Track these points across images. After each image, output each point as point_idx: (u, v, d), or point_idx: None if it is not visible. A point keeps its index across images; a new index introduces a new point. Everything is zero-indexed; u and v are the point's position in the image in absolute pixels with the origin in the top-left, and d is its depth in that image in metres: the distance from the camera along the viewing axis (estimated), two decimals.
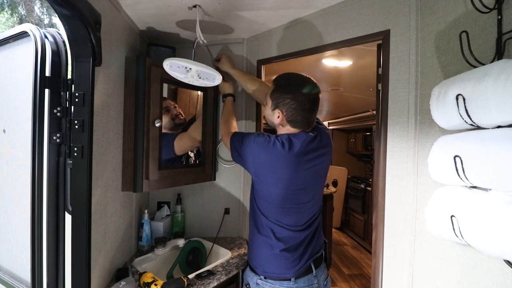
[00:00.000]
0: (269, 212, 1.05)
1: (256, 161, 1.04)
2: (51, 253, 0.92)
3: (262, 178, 1.04)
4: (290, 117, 1.02)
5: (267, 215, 1.05)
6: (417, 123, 0.97)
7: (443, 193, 0.77)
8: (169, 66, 1.09)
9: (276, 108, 1.03)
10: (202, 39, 1.19)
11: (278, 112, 1.03)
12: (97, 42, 0.88)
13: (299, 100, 1.00)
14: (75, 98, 0.88)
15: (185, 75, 1.11)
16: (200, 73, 1.12)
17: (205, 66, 1.11)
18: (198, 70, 1.11)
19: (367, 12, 1.10)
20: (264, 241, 1.06)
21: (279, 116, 1.03)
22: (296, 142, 1.00)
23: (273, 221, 1.04)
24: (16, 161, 1.02)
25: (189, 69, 1.10)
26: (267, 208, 1.06)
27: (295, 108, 1.00)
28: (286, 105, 1.01)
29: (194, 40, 1.27)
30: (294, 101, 1.00)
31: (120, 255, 1.25)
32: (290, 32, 1.38)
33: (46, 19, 7.05)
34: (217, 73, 1.14)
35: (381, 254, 1.08)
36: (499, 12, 0.70)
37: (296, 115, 1.01)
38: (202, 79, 1.14)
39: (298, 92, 1.00)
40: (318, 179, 1.10)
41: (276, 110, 1.03)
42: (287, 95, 1.00)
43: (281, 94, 1.02)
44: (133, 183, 1.23)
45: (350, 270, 3.20)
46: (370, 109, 3.42)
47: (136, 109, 1.22)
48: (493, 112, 0.60)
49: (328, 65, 1.97)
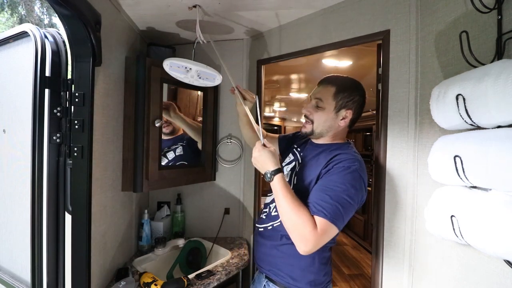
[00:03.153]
0: None
1: None
2: (51, 253, 0.92)
3: None
4: (356, 115, 0.99)
5: None
6: (417, 123, 0.97)
7: (443, 193, 0.77)
8: (169, 66, 1.09)
9: (341, 108, 0.97)
10: (202, 39, 1.19)
11: (345, 113, 0.97)
12: (97, 42, 0.89)
13: (364, 97, 1.00)
14: (75, 98, 0.88)
15: (185, 75, 1.11)
16: (200, 73, 1.12)
17: (205, 66, 1.11)
18: (198, 70, 1.11)
19: (367, 12, 1.10)
20: None
21: (344, 118, 0.97)
22: None
23: None
24: (16, 161, 1.02)
25: (189, 69, 1.10)
26: None
27: (361, 105, 0.99)
28: (356, 103, 0.97)
29: (194, 40, 1.27)
30: (362, 98, 0.99)
31: (120, 255, 1.25)
32: (290, 32, 1.38)
33: (46, 19, 7.05)
34: (217, 73, 1.14)
35: (381, 254, 1.08)
36: (499, 12, 0.70)
37: (359, 112, 1.00)
38: (202, 79, 1.14)
39: (362, 90, 1.00)
40: None
41: (342, 111, 0.97)
42: (356, 92, 0.98)
43: (350, 93, 0.97)
44: (133, 183, 1.23)
45: (350, 270, 3.20)
46: (370, 109, 3.43)
47: (136, 109, 1.22)
48: (493, 112, 0.60)
49: (328, 65, 1.97)
